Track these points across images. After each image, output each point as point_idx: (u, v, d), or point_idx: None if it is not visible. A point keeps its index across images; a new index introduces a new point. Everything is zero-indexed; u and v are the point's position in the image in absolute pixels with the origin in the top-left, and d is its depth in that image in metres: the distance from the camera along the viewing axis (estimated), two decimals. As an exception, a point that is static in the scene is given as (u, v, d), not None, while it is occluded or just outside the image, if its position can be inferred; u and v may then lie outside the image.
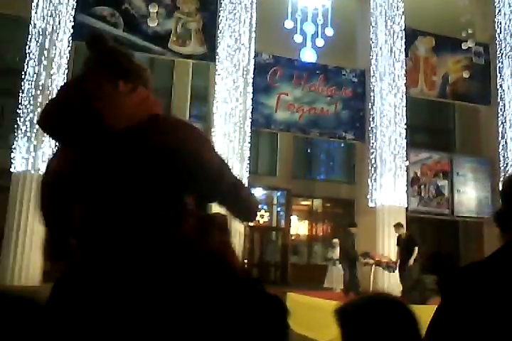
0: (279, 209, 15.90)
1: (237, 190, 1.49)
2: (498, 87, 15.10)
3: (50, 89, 11.00)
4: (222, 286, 1.32)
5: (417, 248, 10.24)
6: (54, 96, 1.47)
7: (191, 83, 16.36)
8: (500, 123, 14.87)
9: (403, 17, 14.23)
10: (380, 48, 13.98)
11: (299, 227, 16.16)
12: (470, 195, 14.60)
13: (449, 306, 1.17)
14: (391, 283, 11.39)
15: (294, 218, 16.10)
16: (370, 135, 13.55)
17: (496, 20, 15.37)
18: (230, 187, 1.48)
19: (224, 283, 1.33)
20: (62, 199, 1.46)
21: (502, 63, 15.22)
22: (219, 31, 12.71)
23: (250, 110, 12.57)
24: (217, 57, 12.59)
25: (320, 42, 13.80)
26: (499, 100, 14.99)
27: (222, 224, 1.47)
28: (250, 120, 12.43)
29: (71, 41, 11.56)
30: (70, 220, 1.44)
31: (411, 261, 10.19)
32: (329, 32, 13.86)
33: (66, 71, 11.37)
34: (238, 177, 1.54)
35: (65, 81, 1.32)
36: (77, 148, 1.41)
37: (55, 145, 1.64)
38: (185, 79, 16.22)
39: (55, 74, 11.15)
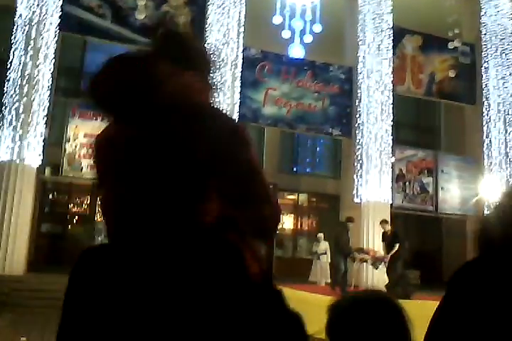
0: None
1: (263, 201, 1.36)
2: (484, 86, 15.28)
3: (36, 79, 10.94)
4: (233, 290, 1.26)
5: (398, 244, 10.32)
6: (102, 68, 1.39)
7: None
8: (484, 122, 15.05)
9: (391, 15, 14.35)
10: (368, 46, 14.08)
11: (285, 221, 16.23)
12: (454, 193, 14.75)
13: (456, 303, 1.14)
14: (375, 278, 11.49)
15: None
16: (357, 131, 13.63)
17: (482, 21, 15.56)
18: (255, 196, 1.35)
19: (235, 288, 1.26)
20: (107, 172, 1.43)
21: (487, 63, 15.41)
22: (207, 25, 12.71)
23: (238, 104, 12.59)
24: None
25: (308, 38, 13.85)
26: (484, 100, 15.18)
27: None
28: (238, 114, 12.45)
29: (58, 31, 11.49)
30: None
31: (388, 256, 10.29)
32: (317, 28, 13.92)
33: (53, 61, 11.31)
34: (271, 193, 1.40)
35: (111, 58, 1.28)
36: (128, 124, 1.36)
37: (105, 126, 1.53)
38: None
39: (41, 65, 11.07)
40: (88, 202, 14.96)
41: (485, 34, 15.59)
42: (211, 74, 1.49)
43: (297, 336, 1.32)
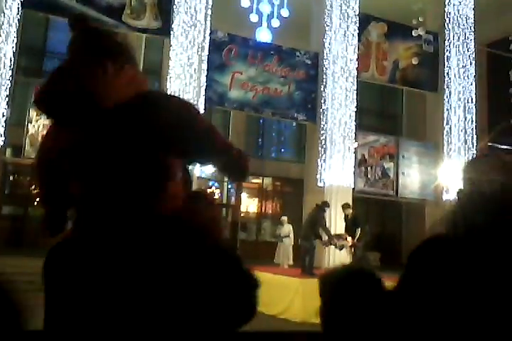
0: (229, 186, 16.03)
1: (228, 151, 1.57)
2: (445, 74, 15.63)
3: (-3, 57, 10.68)
4: (205, 259, 1.41)
5: (359, 229, 10.61)
6: (47, 79, 1.53)
7: (144, 57, 16.12)
8: (445, 109, 15.43)
9: (357, 2, 14.46)
10: (334, 32, 14.18)
11: (249, 205, 16.38)
12: (414, 178, 15.14)
13: (414, 277, 1.18)
14: (336, 259, 11.78)
15: (244, 195, 16.30)
16: (321, 116, 13.80)
17: (446, 10, 15.84)
18: (221, 148, 1.56)
19: (207, 257, 1.41)
20: (61, 176, 1.53)
21: (450, 52, 15.74)
22: (174, 6, 12.57)
23: (204, 87, 12.57)
24: (172, 32, 12.47)
25: (275, 22, 13.87)
26: (445, 87, 15.53)
27: (209, 200, 1.56)
28: (204, 97, 12.44)
29: (20, 9, 11.19)
30: (67, 196, 1.53)
31: (351, 241, 10.59)
32: (285, 13, 13.95)
33: (15, 39, 11.03)
34: (228, 141, 1.62)
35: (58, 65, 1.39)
36: (72, 128, 1.48)
37: (50, 125, 1.67)
38: (137, 52, 15.94)
39: (2, 43, 10.80)
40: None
41: (448, 23, 15.88)
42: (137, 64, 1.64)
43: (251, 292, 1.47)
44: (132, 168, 1.43)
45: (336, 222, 12.64)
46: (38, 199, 1.52)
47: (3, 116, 10.69)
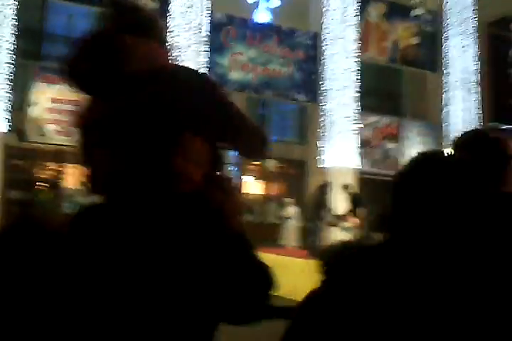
0: (232, 168, 16.00)
1: (249, 127, 1.54)
2: (445, 54, 15.58)
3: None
4: (214, 241, 1.38)
5: (360, 208, 10.66)
6: (78, 47, 1.54)
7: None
8: (446, 89, 15.40)
9: (357, -19, 14.39)
10: (334, 12, 14.09)
11: (253, 186, 16.37)
12: (416, 158, 15.13)
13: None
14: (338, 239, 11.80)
15: (247, 178, 16.29)
16: (322, 97, 13.77)
17: (446, -11, 15.78)
18: (241, 124, 1.52)
19: (216, 239, 1.39)
20: (89, 144, 1.53)
21: (449, 32, 15.69)
22: (172, -13, 12.52)
23: (204, 69, 12.51)
24: (169, 13, 12.41)
25: (274, 2, 13.82)
26: (445, 68, 15.49)
27: (227, 184, 1.52)
28: (204, 79, 12.40)
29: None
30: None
31: (355, 221, 10.65)
32: (283, -7, 13.91)
33: (12, 22, 10.96)
34: (248, 118, 1.58)
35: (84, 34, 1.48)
36: (102, 96, 1.48)
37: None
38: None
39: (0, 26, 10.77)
40: (56, 168, 14.75)
41: (447, 2, 15.80)
42: (166, 40, 1.63)
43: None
44: (146, 139, 1.41)
45: (339, 202, 12.64)
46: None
47: (9, 100, 10.60)
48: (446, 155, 1.19)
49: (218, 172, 1.55)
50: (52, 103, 11.25)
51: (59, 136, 11.40)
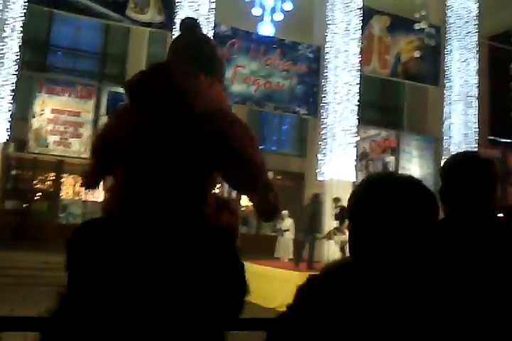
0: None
1: (268, 189, 1.72)
2: (447, 68, 15.67)
3: (2, 51, 10.72)
4: (223, 259, 1.60)
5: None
6: (147, 71, 1.74)
7: (147, 50, 16.18)
8: (447, 103, 15.50)
9: (361, -5, 14.46)
10: (337, 25, 14.17)
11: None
12: (414, 172, 15.24)
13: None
14: (330, 251, 11.96)
15: (244, 189, 16.37)
16: (323, 110, 13.88)
17: (448, 3, 15.83)
18: (263, 184, 1.70)
19: (224, 258, 1.61)
20: (118, 148, 1.71)
21: (451, 45, 15.76)
22: (178, 0, 12.60)
23: (207, 81, 12.61)
24: (175, 26, 12.50)
25: (278, 16, 13.89)
26: (447, 81, 15.59)
27: (233, 208, 1.74)
28: (206, 92, 12.48)
29: (25, 4, 11.21)
30: (114, 165, 1.74)
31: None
32: (288, 6, 13.97)
33: (20, 35, 11.06)
34: (270, 181, 1.77)
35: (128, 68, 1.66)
36: (158, 118, 1.66)
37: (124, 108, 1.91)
38: (141, 46, 16.03)
39: (7, 38, 10.85)
40: (53, 178, 14.85)
41: (450, 17, 15.87)
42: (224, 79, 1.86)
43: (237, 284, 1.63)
44: (188, 171, 1.63)
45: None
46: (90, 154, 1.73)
47: (9, 111, 10.76)
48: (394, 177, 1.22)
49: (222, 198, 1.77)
50: (55, 114, 11.38)
51: (59, 147, 11.53)
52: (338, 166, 13.56)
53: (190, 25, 1.84)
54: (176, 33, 12.28)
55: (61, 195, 14.58)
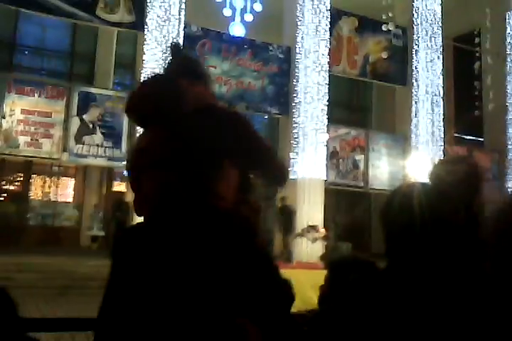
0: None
1: (272, 158, 1.90)
2: (414, 68, 16.03)
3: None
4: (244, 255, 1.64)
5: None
6: (142, 87, 1.89)
7: (116, 50, 16.09)
8: (414, 102, 15.86)
9: (329, -4, 14.66)
10: (306, 26, 14.34)
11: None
12: (383, 170, 15.58)
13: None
14: (309, 250, 12.16)
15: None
16: (294, 110, 14.04)
17: (414, 5, 16.19)
18: (267, 155, 1.87)
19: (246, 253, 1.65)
20: (145, 169, 1.80)
21: (418, 46, 16.13)
22: (148, 0, 12.56)
23: (178, 81, 12.61)
24: (145, 26, 12.48)
25: (249, 17, 13.98)
26: (414, 81, 15.94)
27: (254, 204, 1.82)
28: (178, 92, 12.48)
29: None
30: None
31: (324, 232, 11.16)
32: (258, 7, 14.06)
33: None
34: (273, 149, 1.96)
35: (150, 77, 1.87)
36: (159, 127, 1.78)
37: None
38: (110, 46, 15.93)
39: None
40: (22, 179, 14.62)
41: (416, 18, 16.25)
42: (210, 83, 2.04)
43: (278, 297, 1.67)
44: (193, 166, 1.72)
45: (309, 213, 12.99)
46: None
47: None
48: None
49: (248, 195, 1.85)
50: (25, 115, 11.23)
51: (30, 148, 11.38)
52: (309, 165, 13.75)
53: (176, 46, 2.09)
54: (148, 33, 12.32)
55: (30, 195, 14.39)
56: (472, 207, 1.96)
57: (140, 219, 1.78)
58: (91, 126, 11.80)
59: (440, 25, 16.44)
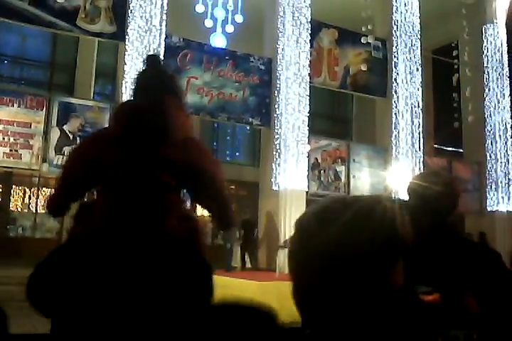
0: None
1: (227, 202, 2.03)
2: (393, 80, 16.22)
3: None
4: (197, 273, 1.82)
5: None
6: (134, 114, 1.98)
7: (96, 60, 16.01)
8: (393, 114, 16.02)
9: (309, 9, 14.79)
10: (287, 38, 14.43)
11: (203, 209, 16.52)
12: (364, 181, 15.67)
13: None
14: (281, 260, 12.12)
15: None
16: (275, 121, 14.07)
17: (394, 18, 16.43)
18: (223, 197, 2.02)
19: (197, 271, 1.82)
20: (97, 175, 1.89)
21: (397, 58, 16.33)
22: (129, 11, 12.52)
23: (159, 92, 12.56)
24: (127, 37, 12.43)
25: (230, 28, 14.01)
26: (394, 92, 16.11)
27: (194, 219, 2.00)
28: (159, 102, 12.44)
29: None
30: (86, 191, 1.96)
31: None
32: (239, 19, 14.10)
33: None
34: (228, 195, 2.10)
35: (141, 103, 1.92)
36: (143, 148, 1.89)
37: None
38: (90, 55, 15.84)
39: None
40: (1, 190, 14.39)
41: (396, 30, 16.48)
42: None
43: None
44: (154, 190, 1.86)
45: (291, 224, 12.95)
46: (60, 186, 1.80)
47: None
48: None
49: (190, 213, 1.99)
50: (4, 125, 11.06)
51: (9, 159, 11.20)
52: (291, 176, 13.75)
53: (157, 60, 2.16)
54: (129, 44, 12.28)
55: (10, 207, 14.13)
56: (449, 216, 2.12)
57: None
58: (71, 136, 11.66)
59: (419, 37, 16.68)
